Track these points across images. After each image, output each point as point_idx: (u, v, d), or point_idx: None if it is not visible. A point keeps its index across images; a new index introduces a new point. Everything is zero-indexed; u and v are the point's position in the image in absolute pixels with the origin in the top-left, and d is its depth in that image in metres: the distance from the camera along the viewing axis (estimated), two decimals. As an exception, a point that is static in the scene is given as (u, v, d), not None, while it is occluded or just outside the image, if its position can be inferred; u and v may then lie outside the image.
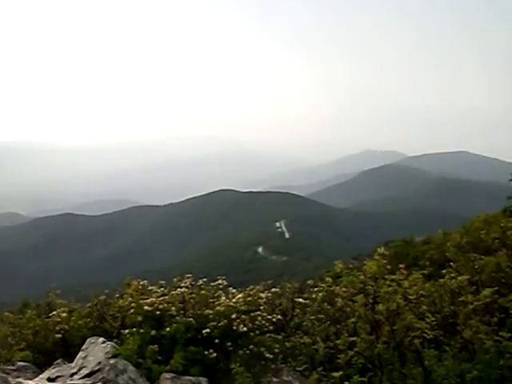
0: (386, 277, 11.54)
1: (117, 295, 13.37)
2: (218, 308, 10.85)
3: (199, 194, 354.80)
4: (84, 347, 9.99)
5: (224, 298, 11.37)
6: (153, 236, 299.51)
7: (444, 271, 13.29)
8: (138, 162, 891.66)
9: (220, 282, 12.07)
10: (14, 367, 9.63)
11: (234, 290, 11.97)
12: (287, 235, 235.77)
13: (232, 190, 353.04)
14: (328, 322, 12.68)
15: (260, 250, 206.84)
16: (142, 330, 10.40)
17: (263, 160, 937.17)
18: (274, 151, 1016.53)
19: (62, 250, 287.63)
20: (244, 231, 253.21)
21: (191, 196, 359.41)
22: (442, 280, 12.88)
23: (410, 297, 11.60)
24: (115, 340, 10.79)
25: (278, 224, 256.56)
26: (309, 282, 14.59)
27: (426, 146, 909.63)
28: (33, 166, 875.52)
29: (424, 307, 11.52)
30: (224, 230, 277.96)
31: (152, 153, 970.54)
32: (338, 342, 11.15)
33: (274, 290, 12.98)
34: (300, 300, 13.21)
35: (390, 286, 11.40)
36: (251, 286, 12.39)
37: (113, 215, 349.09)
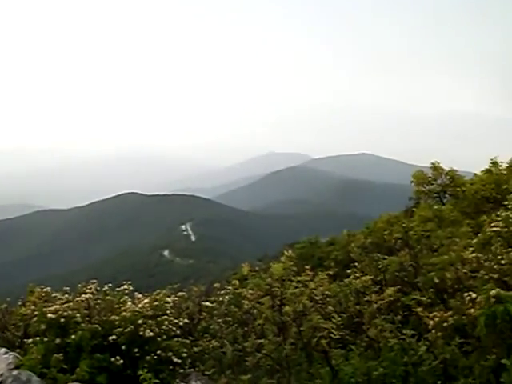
0: (293, 278, 11.65)
1: (19, 303, 12.97)
2: (124, 314, 10.67)
3: (104, 198, 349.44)
4: (-15, 358, 9.64)
5: (130, 303, 11.18)
6: (57, 240, 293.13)
7: (349, 271, 13.53)
8: (43, 164, 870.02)
9: (126, 286, 11.87)
10: None
11: (140, 295, 11.80)
12: (193, 238, 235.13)
13: (137, 194, 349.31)
14: (235, 325, 12.70)
15: (166, 253, 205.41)
16: (46, 339, 10.11)
17: (168, 163, 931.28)
18: (179, 155, 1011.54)
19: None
20: (149, 234, 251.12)
21: (97, 199, 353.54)
22: (346, 280, 13.12)
23: (317, 297, 11.77)
24: (18, 350, 10.45)
25: (183, 227, 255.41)
26: (215, 284, 14.55)
27: (329, 149, 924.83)
28: None
29: (330, 307, 11.71)
30: (129, 234, 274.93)
31: (57, 155, 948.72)
32: (245, 344, 11.18)
33: (180, 294, 12.88)
34: (207, 304, 13.14)
35: (296, 287, 11.51)
36: (158, 291, 12.25)
37: (15, 220, 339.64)
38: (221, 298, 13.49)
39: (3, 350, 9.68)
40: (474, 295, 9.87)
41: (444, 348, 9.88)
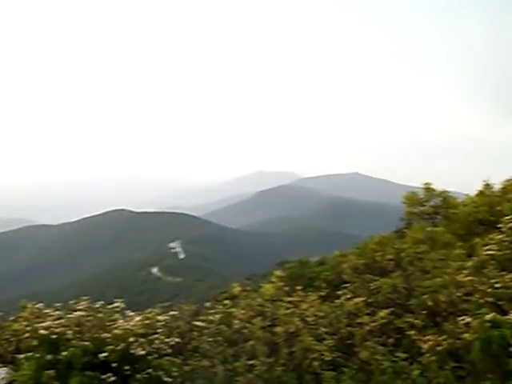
0: (284, 299, 11.64)
1: (11, 318, 12.90)
2: (116, 331, 10.64)
3: (93, 214, 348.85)
4: (-23, 373, 9.60)
5: (121, 321, 11.16)
6: (45, 256, 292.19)
7: (340, 292, 13.50)
8: (34, 180, 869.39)
9: (117, 304, 11.84)
10: None
11: (132, 313, 11.77)
12: (182, 256, 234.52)
13: (126, 210, 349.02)
14: (225, 345, 12.63)
15: (155, 270, 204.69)
16: (37, 355, 10.06)
17: (157, 181, 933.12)
18: (169, 172, 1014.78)
19: None
20: (138, 252, 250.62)
21: (86, 216, 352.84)
22: (338, 301, 13.08)
23: (308, 318, 11.73)
24: (10, 365, 10.41)
25: (172, 244, 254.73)
26: (207, 304, 14.50)
27: (319, 168, 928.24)
28: None
29: (322, 329, 11.66)
30: (118, 251, 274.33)
31: (47, 172, 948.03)
32: (236, 364, 11.13)
33: (171, 312, 12.85)
34: (198, 323, 13.10)
35: (287, 308, 11.49)
36: (149, 309, 12.21)
37: (4, 235, 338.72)
38: (211, 317, 13.44)
39: (-4, 365, 9.65)
40: (468, 319, 9.87)
41: (438, 372, 9.84)
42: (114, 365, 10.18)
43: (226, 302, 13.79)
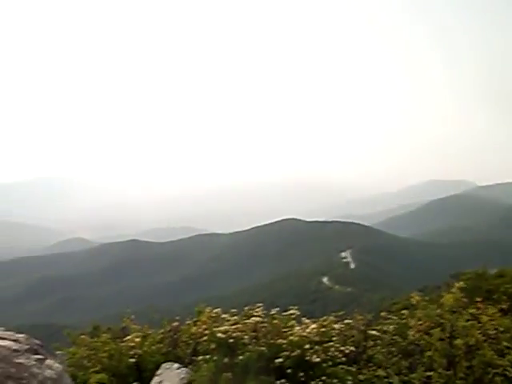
0: (463, 311, 11.27)
1: (187, 322, 13.37)
2: (291, 338, 10.73)
3: (264, 223, 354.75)
4: (159, 372, 10.01)
5: (297, 327, 11.23)
6: (217, 264, 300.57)
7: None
8: (203, 189, 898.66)
9: (292, 311, 11.95)
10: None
11: (308, 320, 11.83)
12: (352, 265, 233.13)
13: (297, 219, 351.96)
14: (400, 356, 12.40)
15: (325, 280, 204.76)
16: (215, 358, 10.35)
17: (327, 189, 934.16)
18: (338, 181, 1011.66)
19: (126, 276, 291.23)
20: (309, 261, 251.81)
21: (256, 225, 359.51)
22: (520, 316, 12.50)
23: (489, 332, 11.28)
24: (190, 366, 10.77)
25: (343, 254, 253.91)
26: (382, 313, 14.31)
27: (495, 176, 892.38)
28: (104, 193, 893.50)
29: (504, 343, 11.17)
30: (288, 259, 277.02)
31: (216, 180, 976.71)
32: (413, 376, 10.90)
33: (346, 321, 12.78)
34: (373, 332, 12.93)
35: (467, 320, 11.12)
36: (324, 317, 12.22)
37: (178, 242, 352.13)
38: (385, 328, 13.25)
39: (176, 365, 10.04)
40: None
41: None
42: (289, 371, 10.27)
43: (404, 311, 13.56)
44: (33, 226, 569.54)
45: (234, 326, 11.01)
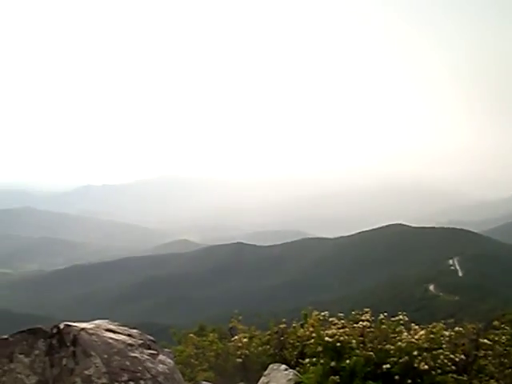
0: None
1: (293, 325, 13.43)
2: (399, 344, 10.60)
3: (369, 228, 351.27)
4: (266, 373, 10.10)
5: (405, 333, 11.09)
6: (321, 268, 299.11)
7: None
8: (308, 192, 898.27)
9: (401, 317, 11.81)
10: (198, 386, 9.89)
11: (416, 327, 11.65)
12: (460, 273, 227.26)
13: (403, 225, 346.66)
14: (512, 368, 12.05)
15: (431, 287, 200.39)
16: (322, 361, 10.35)
17: (433, 194, 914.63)
18: (444, 185, 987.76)
19: (230, 278, 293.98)
20: (414, 267, 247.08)
21: (362, 230, 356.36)
22: None
23: None
24: (297, 368, 10.82)
25: (450, 261, 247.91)
26: (495, 323, 13.94)
27: None
28: (209, 196, 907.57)
29: None
30: (394, 266, 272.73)
31: (320, 184, 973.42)
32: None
33: (456, 329, 12.51)
34: (485, 341, 12.59)
35: None
36: (433, 323, 12.01)
37: (282, 246, 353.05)
38: (497, 338, 12.89)
39: (283, 366, 10.12)
40: None
41: None
42: (397, 377, 10.15)
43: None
44: (139, 227, 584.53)
45: (341, 330, 10.99)
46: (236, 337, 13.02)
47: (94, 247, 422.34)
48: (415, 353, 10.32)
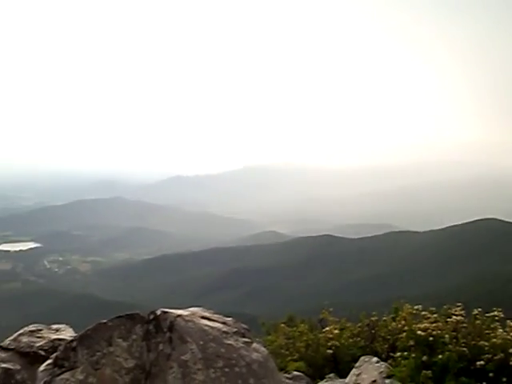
0: None
1: (384, 318, 13.35)
2: (494, 340, 10.39)
3: (461, 222, 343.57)
4: (357, 365, 10.09)
5: (501, 330, 10.85)
6: (408, 262, 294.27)
7: None
8: (396, 185, 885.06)
9: (496, 313, 11.55)
10: (289, 376, 9.95)
11: (512, 323, 11.38)
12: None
13: (496, 219, 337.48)
14: None
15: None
16: (413, 355, 10.26)
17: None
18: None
19: (318, 270, 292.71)
20: (508, 263, 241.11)
21: (452, 224, 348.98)
22: None
23: None
24: (388, 361, 10.76)
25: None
26: None
27: None
28: (299, 186, 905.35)
29: None
30: (485, 261, 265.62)
31: (412, 176, 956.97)
32: None
33: None
34: None
35: None
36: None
37: (371, 239, 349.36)
38: None
39: (375, 359, 10.09)
40: None
41: None
42: (491, 374, 9.96)
43: None
44: (227, 218, 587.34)
45: (433, 324, 10.85)
46: (327, 328, 13.05)
47: (183, 237, 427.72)
48: (511, 350, 10.11)
